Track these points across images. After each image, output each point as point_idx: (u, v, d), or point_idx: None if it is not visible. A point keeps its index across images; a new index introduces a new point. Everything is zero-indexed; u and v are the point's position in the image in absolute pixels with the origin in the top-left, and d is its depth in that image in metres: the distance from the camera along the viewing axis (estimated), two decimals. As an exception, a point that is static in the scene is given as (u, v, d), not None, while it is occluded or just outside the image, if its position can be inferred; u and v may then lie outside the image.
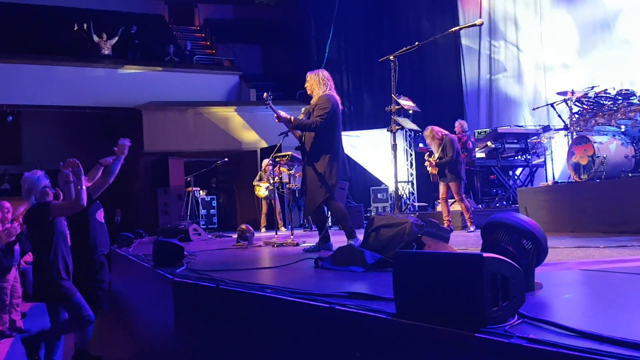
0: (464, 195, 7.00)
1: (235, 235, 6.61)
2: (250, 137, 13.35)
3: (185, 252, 4.12)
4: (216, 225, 13.83)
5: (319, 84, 4.84)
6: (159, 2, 18.29)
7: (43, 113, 13.87)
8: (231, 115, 13.44)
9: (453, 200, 7.49)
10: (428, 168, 7.13)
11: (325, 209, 5.14)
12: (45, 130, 14.49)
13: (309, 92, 4.96)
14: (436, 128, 7.09)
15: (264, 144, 12.93)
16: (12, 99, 11.84)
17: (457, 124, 8.99)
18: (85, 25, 14.66)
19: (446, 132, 7.15)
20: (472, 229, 6.66)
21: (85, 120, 14.10)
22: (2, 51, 12.89)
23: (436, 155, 6.98)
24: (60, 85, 13.04)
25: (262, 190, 9.87)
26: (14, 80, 12.30)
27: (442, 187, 7.05)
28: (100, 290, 4.58)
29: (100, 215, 4.72)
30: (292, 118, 4.86)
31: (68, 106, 13.30)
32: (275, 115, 4.81)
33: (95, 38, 14.44)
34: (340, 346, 2.01)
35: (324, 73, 4.94)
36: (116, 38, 14.70)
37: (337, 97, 4.86)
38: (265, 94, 4.97)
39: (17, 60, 12.90)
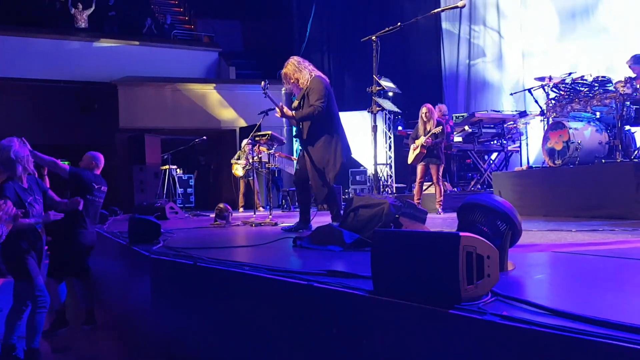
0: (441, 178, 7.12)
1: (212, 215, 6.58)
2: (229, 115, 13.18)
3: (162, 230, 4.09)
4: (193, 205, 13.71)
5: (300, 70, 4.60)
6: (137, -26, 17.78)
7: (17, 86, 13.46)
8: (210, 93, 13.23)
9: (429, 183, 7.58)
10: (414, 146, 7.04)
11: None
12: (19, 103, 14.09)
13: (290, 82, 4.65)
14: (432, 108, 7.14)
15: (243, 123, 12.79)
16: (-15, 71, 11.49)
17: (436, 108, 9.02)
18: None
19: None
20: (440, 211, 6.85)
21: (60, 94, 13.72)
22: (-26, 22, 12.45)
23: (422, 136, 6.97)
24: (34, 57, 12.65)
25: (239, 169, 9.79)
26: (-13, 51, 11.91)
27: (421, 169, 7.11)
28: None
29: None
30: (293, 113, 4.64)
31: (43, 80, 12.92)
32: (278, 111, 4.62)
33: (72, 9, 14.02)
34: (318, 322, 2.04)
35: (297, 58, 4.76)
36: (92, 9, 14.29)
37: (326, 77, 4.74)
38: (262, 83, 4.75)
39: (-9, 31, 12.48)
